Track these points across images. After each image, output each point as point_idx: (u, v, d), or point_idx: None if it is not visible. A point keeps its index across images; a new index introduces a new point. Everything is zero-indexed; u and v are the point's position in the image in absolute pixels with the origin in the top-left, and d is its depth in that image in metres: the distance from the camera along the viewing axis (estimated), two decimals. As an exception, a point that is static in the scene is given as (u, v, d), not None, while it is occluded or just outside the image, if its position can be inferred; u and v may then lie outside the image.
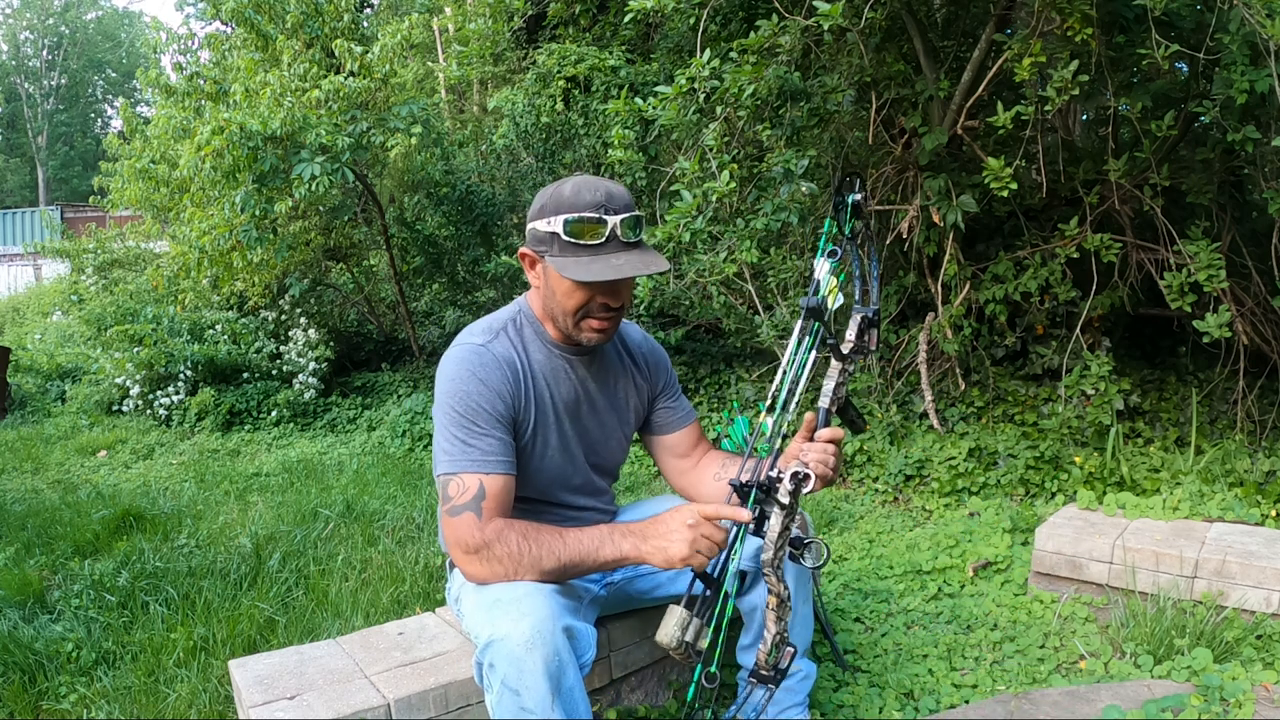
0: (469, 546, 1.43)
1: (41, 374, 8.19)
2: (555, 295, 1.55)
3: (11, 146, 32.50)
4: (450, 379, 1.53)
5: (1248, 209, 3.80)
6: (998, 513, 3.13)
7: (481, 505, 1.45)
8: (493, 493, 1.46)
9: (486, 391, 1.52)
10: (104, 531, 3.48)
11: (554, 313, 1.58)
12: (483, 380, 1.52)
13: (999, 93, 3.30)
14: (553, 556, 1.42)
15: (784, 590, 1.41)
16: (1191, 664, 1.98)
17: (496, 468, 1.49)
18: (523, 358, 1.60)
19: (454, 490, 1.46)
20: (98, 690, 2.18)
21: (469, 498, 1.45)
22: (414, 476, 4.38)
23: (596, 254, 1.47)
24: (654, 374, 1.82)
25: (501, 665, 1.31)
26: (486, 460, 1.48)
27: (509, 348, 1.59)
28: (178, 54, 6.30)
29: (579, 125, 5.80)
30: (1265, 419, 3.53)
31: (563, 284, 1.52)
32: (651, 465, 4.40)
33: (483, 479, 1.47)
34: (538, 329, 1.64)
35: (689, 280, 3.95)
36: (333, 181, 4.93)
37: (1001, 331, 3.89)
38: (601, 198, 1.47)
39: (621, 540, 1.42)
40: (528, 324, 1.64)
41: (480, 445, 1.49)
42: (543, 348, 1.63)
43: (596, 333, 1.57)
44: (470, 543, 1.43)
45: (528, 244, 1.56)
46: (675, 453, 1.84)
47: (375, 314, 7.45)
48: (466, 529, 1.44)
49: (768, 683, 1.46)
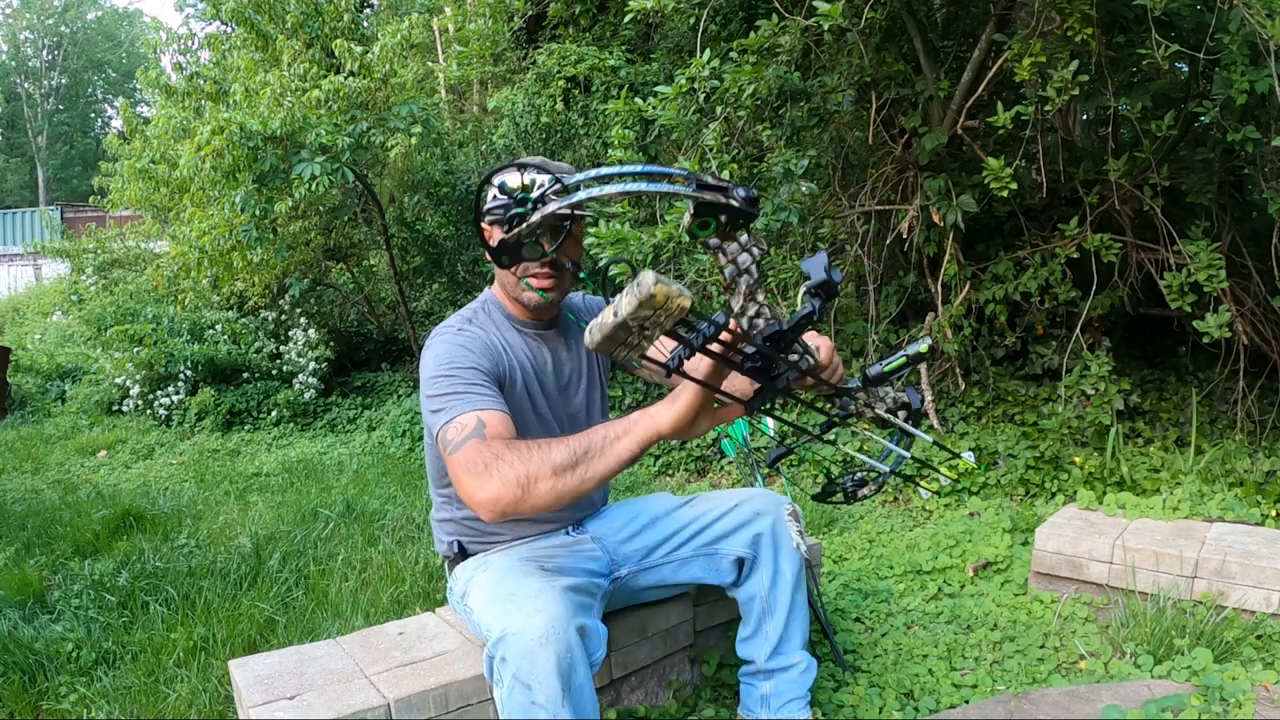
0: (476, 465, 1.33)
1: (41, 374, 8.19)
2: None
3: (11, 146, 32.48)
4: (434, 355, 1.57)
5: (1248, 209, 3.80)
6: (998, 513, 3.13)
7: (483, 432, 1.40)
8: (492, 422, 1.42)
9: (471, 354, 1.57)
10: (104, 531, 3.48)
11: (505, 281, 1.67)
12: (466, 347, 1.58)
13: (999, 93, 3.30)
14: (563, 446, 1.30)
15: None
16: (1191, 664, 1.98)
17: (493, 405, 1.47)
18: (498, 337, 1.67)
19: (453, 433, 1.42)
20: (98, 690, 2.18)
21: (469, 431, 1.41)
22: (414, 476, 4.38)
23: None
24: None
25: (514, 659, 1.32)
26: (482, 399, 1.48)
27: (483, 329, 1.66)
28: (178, 54, 6.30)
29: (579, 125, 5.81)
30: (1265, 419, 3.53)
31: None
32: (652, 465, 4.40)
33: (479, 413, 1.44)
34: (505, 311, 1.72)
35: (689, 280, 3.95)
36: (333, 181, 4.93)
37: (1001, 331, 3.89)
38: (535, 164, 1.50)
39: (630, 422, 1.29)
40: (495, 309, 1.73)
41: (473, 392, 1.49)
42: (511, 328, 1.71)
43: (540, 291, 1.61)
44: (477, 460, 1.34)
45: (481, 219, 1.61)
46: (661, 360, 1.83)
47: (375, 314, 7.45)
48: (471, 452, 1.36)
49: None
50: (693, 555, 1.78)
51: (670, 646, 1.97)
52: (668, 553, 1.79)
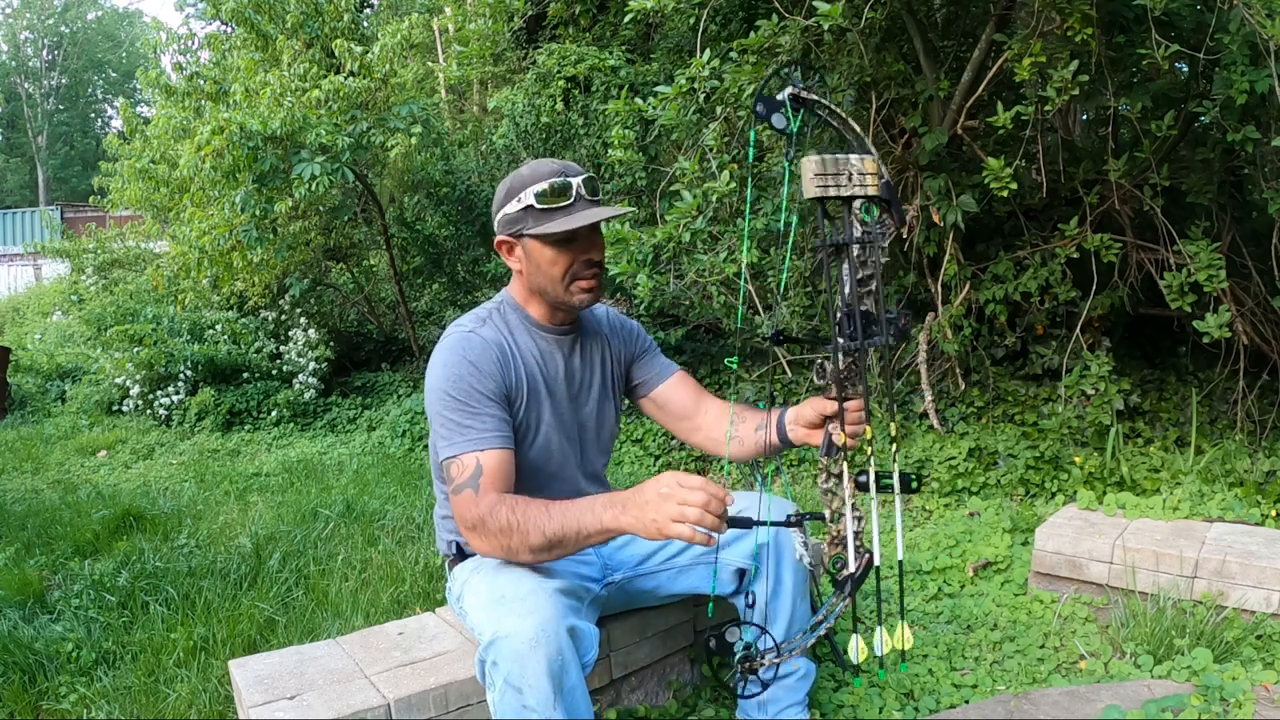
0: (468, 522, 1.48)
1: (41, 374, 8.19)
2: (541, 267, 1.61)
3: (11, 146, 32.48)
4: (442, 365, 1.59)
5: (1248, 209, 3.80)
6: (998, 513, 3.13)
7: (479, 481, 1.49)
8: (489, 469, 1.51)
9: (477, 372, 1.57)
10: (104, 531, 3.48)
11: (543, 286, 1.64)
12: (473, 362, 1.58)
13: (999, 93, 3.30)
14: (539, 532, 1.42)
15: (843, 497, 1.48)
16: (1191, 664, 1.98)
17: (492, 443, 1.53)
18: (510, 340, 1.66)
19: (455, 471, 1.52)
20: (98, 690, 2.18)
21: (467, 476, 1.50)
22: (414, 476, 4.38)
23: (569, 212, 1.57)
24: (628, 338, 1.86)
25: (505, 663, 1.32)
26: (482, 438, 1.53)
27: (496, 331, 1.66)
28: (178, 54, 6.30)
29: (579, 125, 5.80)
30: (1265, 419, 3.53)
31: (545, 252, 1.59)
32: (651, 466, 4.40)
33: (479, 456, 1.51)
34: (521, 315, 1.71)
35: (689, 280, 3.95)
36: (333, 181, 4.94)
37: (1001, 331, 3.89)
38: (558, 167, 1.60)
39: (603, 511, 1.41)
40: (511, 311, 1.71)
41: (475, 425, 1.54)
42: (527, 331, 1.70)
43: (586, 293, 1.64)
44: (468, 518, 1.48)
45: (501, 231, 1.64)
46: (676, 412, 1.85)
47: (375, 314, 7.45)
48: (465, 505, 1.49)
49: (840, 589, 1.51)
50: (691, 563, 1.76)
51: (670, 646, 1.97)
52: (665, 560, 1.77)
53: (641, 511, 1.37)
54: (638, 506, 1.37)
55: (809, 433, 1.63)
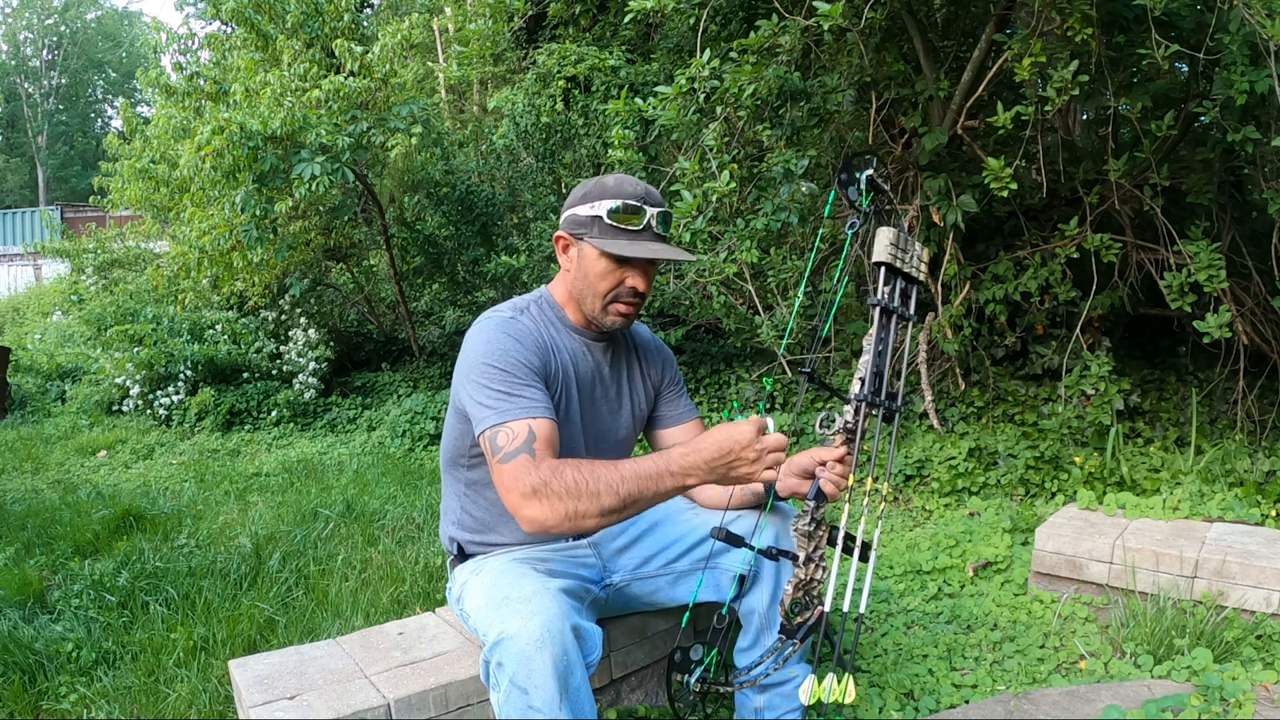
0: (526, 488, 1.38)
1: (41, 374, 8.19)
2: (588, 277, 1.62)
3: (11, 146, 32.47)
4: (485, 342, 1.56)
5: (1248, 209, 3.80)
6: (998, 513, 3.13)
7: (534, 446, 1.42)
8: (543, 435, 1.45)
9: (522, 349, 1.56)
10: (104, 531, 3.48)
11: (584, 295, 1.65)
12: (518, 339, 1.57)
13: (999, 93, 3.30)
14: (611, 491, 1.37)
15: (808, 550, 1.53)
16: (1191, 664, 1.98)
17: (543, 413, 1.49)
18: (548, 332, 1.66)
19: (503, 439, 1.44)
20: (98, 690, 2.18)
21: (520, 442, 1.43)
22: (414, 476, 4.38)
23: (634, 238, 1.59)
24: (661, 366, 1.86)
25: (510, 664, 1.31)
26: (534, 406, 1.49)
27: (535, 322, 1.66)
28: (178, 54, 6.29)
29: (579, 125, 5.80)
30: (1265, 419, 3.53)
31: (598, 265, 1.60)
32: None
33: (531, 423, 1.45)
34: (559, 313, 1.71)
35: (689, 280, 3.95)
36: (333, 181, 4.93)
37: (1001, 331, 3.89)
38: (642, 191, 1.61)
39: (681, 470, 1.40)
40: (549, 308, 1.71)
41: (525, 394, 1.50)
42: (563, 329, 1.69)
43: (621, 317, 1.65)
44: (528, 483, 1.38)
45: (565, 228, 1.64)
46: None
47: (375, 314, 7.45)
48: (522, 470, 1.40)
49: (790, 636, 1.54)
50: (690, 569, 1.75)
51: (670, 647, 1.97)
52: (664, 564, 1.76)
53: (728, 467, 1.39)
54: (723, 462, 1.39)
55: (799, 482, 1.63)
